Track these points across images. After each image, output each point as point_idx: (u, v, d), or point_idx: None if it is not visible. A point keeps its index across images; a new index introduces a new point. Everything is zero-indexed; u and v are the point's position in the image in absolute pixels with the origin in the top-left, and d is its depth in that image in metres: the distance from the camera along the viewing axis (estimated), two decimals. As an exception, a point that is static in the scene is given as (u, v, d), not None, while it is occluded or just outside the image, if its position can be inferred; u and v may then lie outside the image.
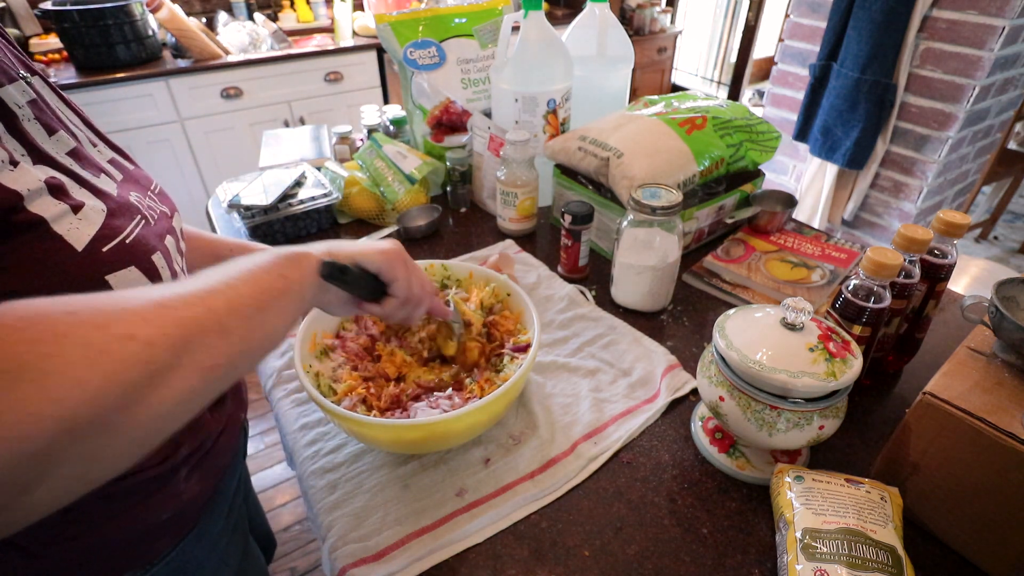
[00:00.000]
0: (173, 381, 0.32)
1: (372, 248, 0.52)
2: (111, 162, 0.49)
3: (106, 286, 0.41)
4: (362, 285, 0.51)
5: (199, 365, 0.34)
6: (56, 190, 0.39)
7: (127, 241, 0.42)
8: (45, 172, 0.39)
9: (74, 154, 0.44)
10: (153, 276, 0.44)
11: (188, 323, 0.34)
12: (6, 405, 0.26)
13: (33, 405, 0.26)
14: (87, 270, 0.39)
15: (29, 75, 0.44)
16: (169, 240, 0.49)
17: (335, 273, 0.48)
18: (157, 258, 0.45)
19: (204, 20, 2.41)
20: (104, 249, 0.40)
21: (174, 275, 0.48)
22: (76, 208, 0.40)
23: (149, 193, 0.51)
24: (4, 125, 0.38)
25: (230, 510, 0.62)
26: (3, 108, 0.39)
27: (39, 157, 0.40)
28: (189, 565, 0.55)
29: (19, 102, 0.40)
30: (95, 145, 0.49)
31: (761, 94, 3.74)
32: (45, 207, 0.38)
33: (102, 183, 0.45)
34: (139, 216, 0.45)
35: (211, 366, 0.35)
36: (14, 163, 0.37)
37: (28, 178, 0.37)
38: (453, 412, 0.55)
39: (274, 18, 2.59)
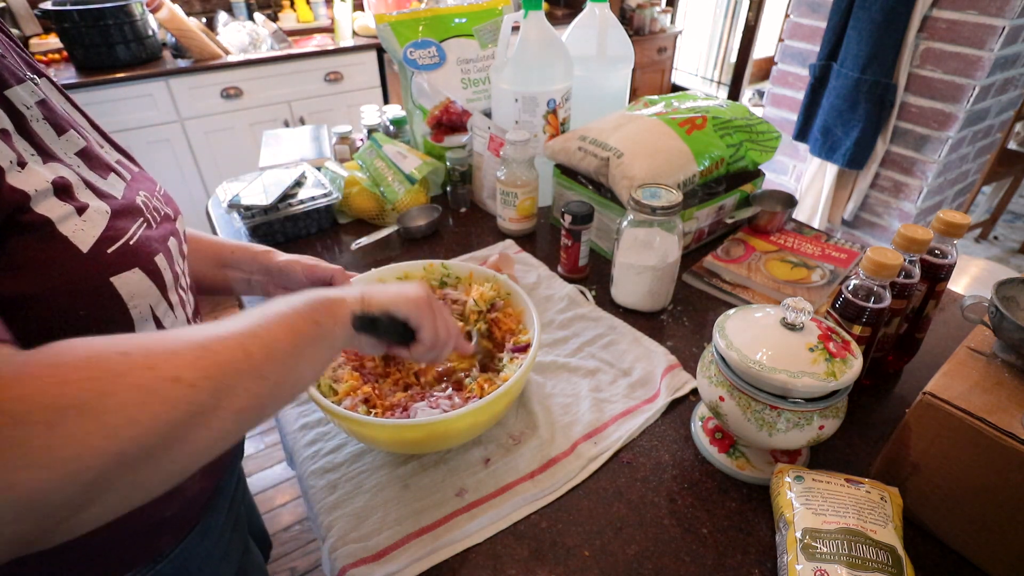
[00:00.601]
0: (211, 422, 0.34)
1: (402, 296, 0.53)
2: (118, 163, 0.49)
3: (111, 288, 0.41)
4: (392, 333, 0.53)
5: (234, 407, 0.35)
6: (62, 191, 0.39)
7: (131, 243, 0.43)
8: (53, 172, 0.39)
9: (83, 154, 0.44)
10: (156, 278, 0.44)
11: (227, 367, 0.35)
12: (68, 438, 0.28)
13: (92, 438, 0.29)
14: (92, 271, 0.40)
15: (36, 77, 0.44)
16: (172, 242, 0.49)
17: (367, 326, 0.49)
18: (160, 260, 0.45)
19: (204, 20, 2.41)
20: (109, 251, 0.41)
21: (176, 277, 0.48)
22: (81, 210, 0.40)
23: (156, 194, 0.51)
24: (14, 126, 0.38)
25: (230, 507, 0.63)
26: (12, 109, 0.39)
27: (48, 157, 0.40)
28: (193, 562, 0.56)
29: (27, 103, 0.41)
30: (101, 147, 0.49)
31: (761, 94, 3.74)
32: (51, 208, 0.38)
33: (110, 183, 0.45)
34: (141, 218, 0.46)
35: (244, 407, 0.36)
36: (22, 164, 0.37)
37: (36, 179, 0.37)
38: (453, 412, 0.55)
39: (274, 18, 2.59)
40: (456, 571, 0.54)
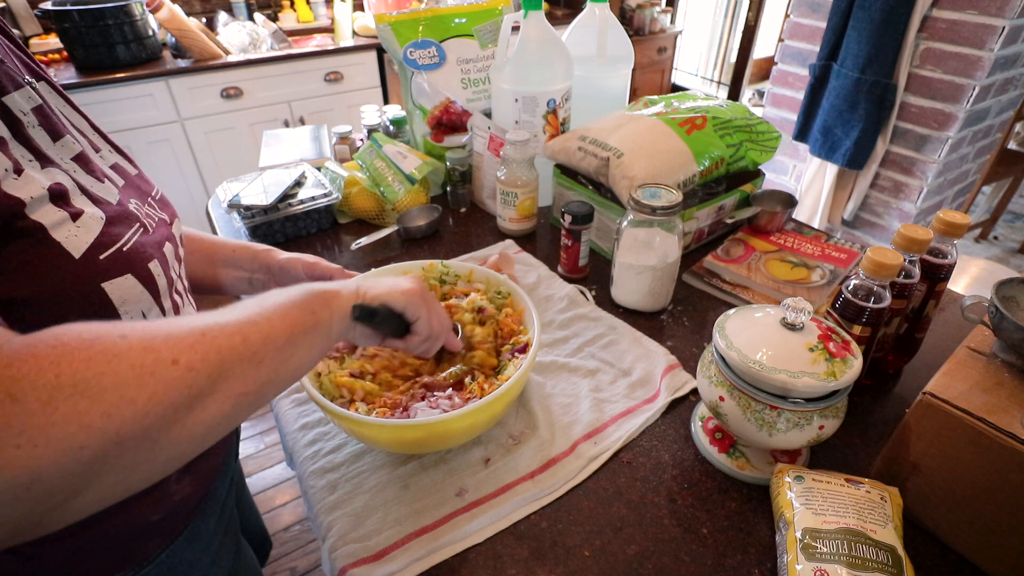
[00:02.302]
0: (209, 405, 0.35)
1: (397, 289, 0.54)
2: (114, 167, 0.49)
3: (102, 293, 0.41)
4: (388, 324, 0.54)
5: (232, 391, 0.36)
6: (58, 197, 0.39)
7: (124, 249, 0.43)
8: (50, 178, 0.40)
9: (79, 159, 0.44)
10: (149, 284, 0.45)
11: (225, 351, 0.36)
12: (65, 417, 0.28)
13: (89, 418, 0.29)
14: (83, 277, 0.40)
15: (35, 80, 0.44)
16: (168, 247, 0.49)
17: (365, 316, 0.51)
18: (154, 266, 0.45)
19: (204, 20, 2.41)
20: (101, 257, 0.41)
21: (170, 282, 0.48)
22: (75, 216, 0.40)
23: (150, 200, 0.51)
24: (10, 132, 0.39)
25: (222, 511, 0.62)
26: (9, 115, 0.39)
27: (45, 162, 0.40)
28: (181, 566, 0.55)
29: (24, 109, 0.41)
30: (98, 150, 0.49)
31: (761, 94, 3.74)
32: (45, 214, 0.38)
33: (104, 190, 0.45)
34: (137, 224, 0.46)
35: (242, 392, 0.37)
36: (19, 171, 0.37)
37: (32, 186, 0.37)
38: (453, 412, 0.55)
39: (274, 18, 2.59)
40: (456, 571, 0.54)
